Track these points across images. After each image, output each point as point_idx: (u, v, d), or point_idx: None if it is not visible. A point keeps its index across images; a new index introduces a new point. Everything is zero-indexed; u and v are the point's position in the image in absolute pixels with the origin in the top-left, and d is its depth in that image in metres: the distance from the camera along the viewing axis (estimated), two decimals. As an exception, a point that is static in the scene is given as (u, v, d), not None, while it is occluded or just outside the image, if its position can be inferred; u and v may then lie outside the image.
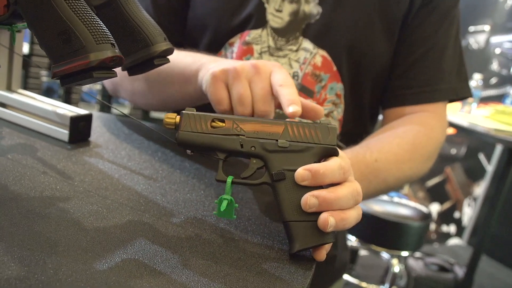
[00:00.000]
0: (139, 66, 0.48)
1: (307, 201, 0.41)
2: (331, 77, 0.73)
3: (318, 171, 0.42)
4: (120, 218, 0.43)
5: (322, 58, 0.73)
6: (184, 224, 0.45)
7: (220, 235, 0.45)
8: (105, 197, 0.47)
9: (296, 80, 0.73)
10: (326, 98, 0.74)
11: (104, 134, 0.67)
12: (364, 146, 0.66)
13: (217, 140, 0.45)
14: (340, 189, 0.42)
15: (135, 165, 0.58)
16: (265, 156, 0.45)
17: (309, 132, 0.46)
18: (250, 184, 0.45)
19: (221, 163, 0.45)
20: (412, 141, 0.69)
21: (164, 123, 0.46)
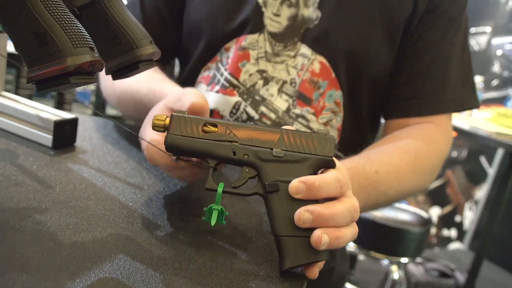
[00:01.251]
0: (123, 70, 0.46)
1: (301, 216, 0.40)
2: (330, 84, 0.72)
3: (313, 184, 0.40)
4: (100, 232, 0.42)
5: (320, 65, 0.71)
6: (169, 238, 0.44)
7: (206, 250, 0.43)
8: (86, 208, 0.45)
9: (294, 87, 0.71)
10: (324, 106, 0.72)
11: (92, 139, 0.66)
12: (364, 156, 0.64)
13: (208, 146, 0.43)
14: (337, 205, 0.40)
15: (121, 173, 0.56)
16: (258, 165, 0.43)
17: (306, 141, 0.44)
18: (241, 194, 0.43)
19: (211, 171, 0.43)
20: (414, 154, 0.68)
21: (153, 125, 0.45)
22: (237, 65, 0.72)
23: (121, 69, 0.45)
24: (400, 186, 0.66)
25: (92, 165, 0.56)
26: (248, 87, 0.72)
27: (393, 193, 0.65)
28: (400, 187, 0.66)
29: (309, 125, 0.71)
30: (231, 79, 0.73)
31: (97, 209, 0.46)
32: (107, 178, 0.53)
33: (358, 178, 0.59)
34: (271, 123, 0.71)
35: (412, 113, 0.74)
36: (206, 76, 0.77)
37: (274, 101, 0.71)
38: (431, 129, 0.73)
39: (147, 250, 0.40)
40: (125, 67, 0.45)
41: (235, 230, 0.48)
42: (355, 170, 0.60)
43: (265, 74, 0.72)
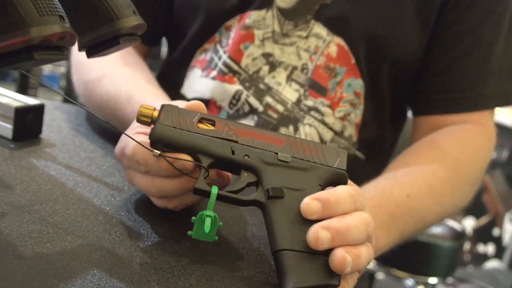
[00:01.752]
0: (100, 45, 0.45)
1: (318, 235, 0.39)
2: (349, 71, 0.71)
3: (329, 200, 0.41)
4: (70, 242, 0.41)
5: (337, 48, 0.70)
6: (154, 250, 0.43)
7: (197, 265, 0.42)
8: (54, 212, 0.45)
9: (306, 74, 0.71)
10: (342, 97, 0.72)
11: (61, 129, 0.65)
12: (390, 178, 0.64)
13: (202, 141, 0.44)
14: (349, 217, 0.41)
15: (97, 171, 0.55)
16: (260, 169, 0.43)
17: (316, 151, 0.45)
18: (238, 201, 0.43)
19: (203, 171, 0.43)
20: (452, 166, 0.67)
21: (139, 114, 0.45)
22: (239, 47, 0.71)
23: (98, 44, 0.44)
24: (439, 208, 0.66)
25: (61, 161, 0.55)
26: (251, 73, 0.71)
27: (430, 218, 0.66)
28: (439, 209, 0.66)
29: (324, 120, 0.71)
30: (230, 63, 0.72)
31: (66, 214, 0.45)
32: (79, 177, 0.53)
33: (387, 207, 0.59)
34: (278, 116, 0.70)
35: (447, 110, 0.74)
36: (201, 60, 0.76)
37: (282, 90, 0.71)
38: (470, 132, 0.72)
39: (127, 265, 0.40)
40: (103, 42, 0.44)
41: (229, 243, 0.48)
42: (382, 197, 0.59)
43: (271, 58, 0.71)
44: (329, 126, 0.71)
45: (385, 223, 0.57)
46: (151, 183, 0.46)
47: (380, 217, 0.57)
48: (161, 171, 0.45)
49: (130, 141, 0.46)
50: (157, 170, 0.45)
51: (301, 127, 0.70)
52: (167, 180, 0.46)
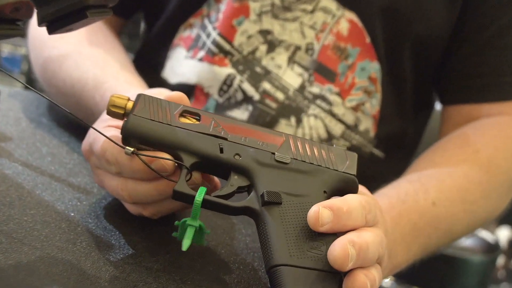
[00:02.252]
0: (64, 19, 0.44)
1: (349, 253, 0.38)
2: (362, 52, 0.71)
3: (341, 210, 0.41)
4: (27, 253, 0.40)
5: (349, 24, 0.70)
6: (126, 263, 0.43)
7: (178, 283, 0.42)
8: (8, 218, 0.44)
9: (311, 55, 0.71)
10: (354, 83, 0.72)
11: (20, 121, 0.65)
12: (414, 181, 0.64)
13: (184, 136, 0.43)
14: (366, 233, 0.41)
15: (61, 170, 0.55)
16: (254, 170, 0.43)
17: (320, 152, 0.46)
18: (226, 208, 0.42)
19: (185, 171, 0.42)
20: (487, 167, 0.68)
21: (110, 105, 0.44)
22: (231, 22, 0.71)
23: (60, 17, 0.44)
24: (470, 217, 0.66)
25: (18, 158, 0.55)
26: (246, 54, 0.71)
27: (459, 228, 0.66)
28: (469, 218, 0.66)
29: (332, 110, 0.70)
30: (221, 42, 0.72)
31: (22, 221, 0.45)
32: (39, 177, 0.52)
33: (410, 217, 0.59)
34: (277, 106, 0.70)
35: (481, 98, 0.74)
36: (186, 37, 0.75)
37: (282, 75, 0.71)
38: (508, 125, 0.72)
39: (94, 281, 0.39)
40: (67, 15, 0.43)
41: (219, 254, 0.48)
42: (403, 205, 0.59)
43: (270, 36, 0.71)
44: (338, 117, 0.71)
45: (406, 236, 0.58)
46: (123, 186, 0.46)
47: (400, 228, 0.57)
48: (134, 173, 0.44)
49: (99, 136, 0.46)
50: (130, 171, 0.45)
51: (304, 119, 0.70)
52: (141, 183, 0.45)
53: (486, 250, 1.67)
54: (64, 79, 0.65)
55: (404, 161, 0.76)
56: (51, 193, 0.50)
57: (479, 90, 0.74)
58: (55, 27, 0.45)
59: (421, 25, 0.71)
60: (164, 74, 0.76)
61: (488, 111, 0.73)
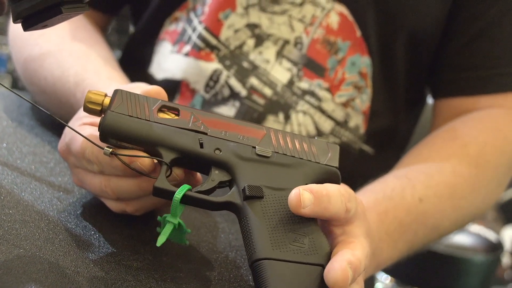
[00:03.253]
0: (39, 15, 0.45)
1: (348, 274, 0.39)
2: (353, 46, 0.72)
3: (321, 193, 0.42)
4: (4, 252, 0.41)
5: (339, 17, 0.71)
6: (106, 262, 0.43)
7: (158, 281, 0.43)
8: (-14, 218, 0.45)
9: (300, 49, 0.71)
10: (344, 78, 0.72)
11: (1, 120, 0.66)
12: (401, 177, 0.64)
13: (163, 132, 0.44)
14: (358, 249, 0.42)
15: (41, 169, 0.56)
16: (234, 165, 0.44)
17: (301, 144, 0.46)
18: (207, 203, 0.43)
19: (165, 167, 0.43)
20: (476, 161, 0.68)
21: (86, 101, 0.45)
22: (217, 16, 0.72)
23: (35, 13, 0.44)
24: (457, 213, 0.66)
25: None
26: (233, 49, 0.72)
27: (447, 225, 0.66)
28: (457, 215, 0.67)
29: (321, 106, 0.71)
30: (207, 36, 0.72)
31: (0, 220, 0.45)
32: (19, 177, 0.53)
33: (396, 213, 0.60)
34: (265, 102, 0.70)
35: (472, 90, 0.74)
36: (172, 31, 0.76)
37: (270, 70, 0.71)
38: (498, 118, 0.73)
39: (72, 280, 0.40)
40: (41, 11, 0.44)
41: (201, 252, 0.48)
42: (390, 202, 0.60)
43: (257, 30, 0.71)
44: (327, 114, 0.71)
45: (392, 232, 0.58)
46: (106, 183, 0.46)
47: (387, 225, 0.58)
48: (117, 170, 0.45)
49: (76, 135, 0.46)
50: (112, 169, 0.45)
51: (293, 115, 0.70)
52: (124, 179, 0.46)
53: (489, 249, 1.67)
54: (45, 77, 0.65)
55: (395, 158, 0.76)
56: (31, 193, 0.51)
57: (469, 83, 0.74)
58: (30, 24, 0.45)
59: (413, 18, 0.72)
60: (151, 69, 0.77)
61: (479, 104, 0.73)
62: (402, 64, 0.75)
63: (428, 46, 0.75)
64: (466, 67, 0.74)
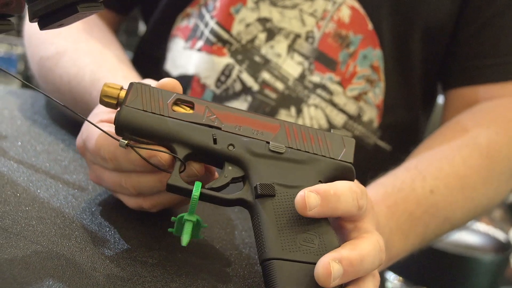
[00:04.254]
0: (55, 14, 0.45)
1: (331, 270, 0.39)
2: (365, 39, 0.72)
3: (328, 192, 0.41)
4: (22, 249, 0.42)
5: (351, 11, 0.71)
6: (121, 258, 0.44)
7: (173, 276, 0.43)
8: (3, 215, 0.45)
9: (311, 43, 0.71)
10: (355, 72, 0.72)
11: (15, 119, 0.66)
12: (411, 169, 0.64)
13: (179, 128, 0.44)
14: (363, 244, 0.41)
15: (56, 167, 0.56)
16: (247, 161, 0.44)
17: (316, 139, 0.46)
18: (220, 200, 0.43)
19: (179, 164, 0.44)
20: (487, 152, 0.67)
21: (102, 94, 0.45)
22: (228, 10, 0.72)
23: (51, 12, 0.44)
24: (470, 205, 0.66)
25: (14, 156, 0.56)
26: (244, 43, 0.72)
27: (459, 216, 0.66)
28: (470, 206, 0.66)
29: (333, 100, 0.71)
30: (219, 31, 0.72)
31: (18, 216, 0.46)
32: (34, 174, 0.53)
33: (406, 206, 0.60)
34: (277, 96, 0.71)
35: (482, 79, 0.74)
36: (184, 28, 0.76)
37: (281, 64, 0.71)
38: (508, 108, 0.72)
39: (89, 275, 0.40)
40: (57, 10, 0.44)
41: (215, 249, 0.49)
42: (400, 194, 0.60)
43: (269, 24, 0.72)
44: (339, 107, 0.71)
45: (403, 225, 0.58)
46: (126, 179, 0.46)
47: (397, 218, 0.58)
48: (134, 166, 0.45)
49: (93, 132, 0.47)
50: (129, 165, 0.45)
51: (305, 109, 0.71)
52: (144, 175, 0.46)
53: (498, 249, 1.66)
54: (60, 75, 0.66)
55: None
56: (46, 190, 0.51)
57: (479, 71, 0.74)
58: (46, 22, 0.46)
59: (428, 11, 0.72)
60: (166, 67, 0.77)
61: (489, 93, 0.73)
62: (417, 58, 0.75)
63: (442, 39, 0.75)
64: (474, 56, 0.74)
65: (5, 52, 2.08)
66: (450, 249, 1.61)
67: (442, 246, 1.61)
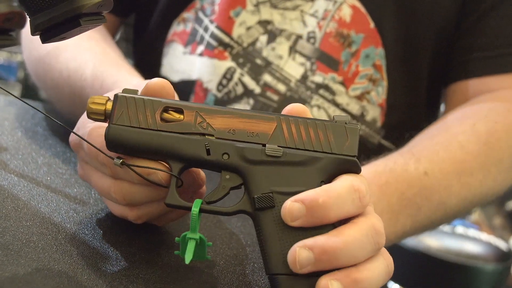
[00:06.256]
0: (57, 27, 0.45)
1: (296, 257, 0.38)
2: (367, 38, 0.72)
3: (315, 201, 0.39)
4: (23, 266, 0.41)
5: (352, 10, 0.71)
6: (124, 275, 0.43)
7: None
8: (4, 230, 0.45)
9: (313, 44, 0.71)
10: (358, 71, 0.72)
11: (15, 131, 0.66)
12: (406, 152, 0.63)
13: (169, 142, 0.43)
14: (347, 229, 0.39)
15: (57, 181, 0.56)
16: (244, 169, 0.43)
17: (316, 133, 0.43)
18: (219, 213, 0.43)
19: (174, 180, 0.43)
20: (485, 139, 0.66)
21: (88, 111, 0.44)
22: (228, 14, 0.72)
23: (54, 26, 0.44)
24: (465, 191, 0.64)
25: (14, 169, 0.56)
26: (246, 46, 0.72)
27: (454, 202, 0.63)
28: (466, 192, 0.64)
29: (335, 100, 0.71)
30: (220, 35, 0.72)
31: (18, 232, 0.45)
32: (35, 188, 0.53)
33: (397, 185, 0.58)
34: (279, 98, 0.70)
35: (481, 71, 0.73)
36: (180, 32, 0.76)
37: (283, 65, 0.71)
38: (508, 98, 0.71)
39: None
40: (60, 24, 0.44)
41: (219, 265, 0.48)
42: (391, 173, 0.59)
43: (270, 26, 0.72)
44: (342, 107, 0.71)
45: (393, 205, 0.57)
46: (116, 188, 0.45)
47: (387, 198, 0.57)
48: (131, 178, 0.44)
49: (92, 132, 0.45)
50: (126, 176, 0.44)
51: None
52: (138, 186, 0.44)
53: (499, 258, 1.66)
54: (60, 70, 0.65)
55: None
56: (47, 204, 0.51)
57: (479, 63, 0.73)
58: (48, 36, 0.45)
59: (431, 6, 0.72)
60: (163, 72, 0.77)
61: (490, 85, 0.72)
62: (424, 57, 0.75)
63: (448, 36, 0.75)
64: (475, 48, 0.73)
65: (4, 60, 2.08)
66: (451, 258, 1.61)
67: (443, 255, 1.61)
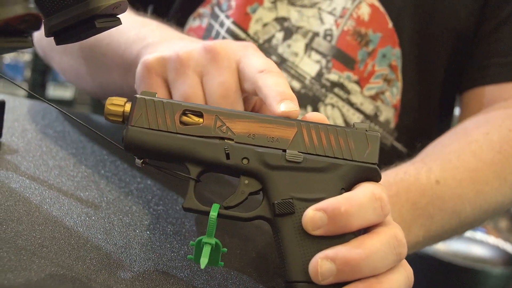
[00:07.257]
0: (72, 29, 0.45)
1: (318, 269, 0.38)
2: (384, 38, 0.71)
3: (337, 209, 0.39)
4: (36, 271, 0.41)
5: (370, 9, 0.71)
6: (138, 281, 0.43)
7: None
8: (16, 235, 0.44)
9: (329, 41, 0.71)
10: (374, 71, 0.72)
11: (26, 132, 0.65)
12: (417, 161, 0.63)
13: (188, 145, 0.43)
14: (369, 240, 0.39)
15: (69, 183, 0.55)
16: (264, 174, 0.42)
17: (337, 140, 0.43)
18: (238, 219, 0.43)
19: (193, 184, 0.43)
20: (500, 147, 0.65)
21: (106, 113, 0.44)
22: (245, 10, 0.72)
23: (68, 28, 0.44)
24: (480, 200, 0.63)
25: (25, 172, 0.55)
26: (262, 42, 0.72)
27: (469, 211, 0.63)
28: (480, 201, 0.63)
29: (350, 99, 0.70)
30: (236, 31, 0.72)
31: (31, 237, 0.45)
32: (46, 191, 0.53)
33: (409, 195, 0.58)
34: None
35: (496, 78, 0.73)
36: (196, 27, 0.76)
37: (298, 63, 0.71)
38: None
39: (105, 300, 0.40)
40: (75, 25, 0.44)
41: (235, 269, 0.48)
42: (402, 183, 0.58)
43: (286, 23, 0.72)
44: (356, 106, 0.71)
45: (405, 216, 0.57)
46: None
47: (399, 208, 0.56)
48: None
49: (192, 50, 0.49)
50: None
51: (321, 108, 0.70)
52: None
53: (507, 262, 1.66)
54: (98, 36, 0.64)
55: None
56: (59, 208, 0.50)
57: (497, 69, 0.73)
58: (63, 38, 0.45)
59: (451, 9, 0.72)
60: None
61: (506, 93, 0.72)
62: (440, 60, 0.74)
63: (466, 41, 0.74)
64: (494, 54, 0.73)
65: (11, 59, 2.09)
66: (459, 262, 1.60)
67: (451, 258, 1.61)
